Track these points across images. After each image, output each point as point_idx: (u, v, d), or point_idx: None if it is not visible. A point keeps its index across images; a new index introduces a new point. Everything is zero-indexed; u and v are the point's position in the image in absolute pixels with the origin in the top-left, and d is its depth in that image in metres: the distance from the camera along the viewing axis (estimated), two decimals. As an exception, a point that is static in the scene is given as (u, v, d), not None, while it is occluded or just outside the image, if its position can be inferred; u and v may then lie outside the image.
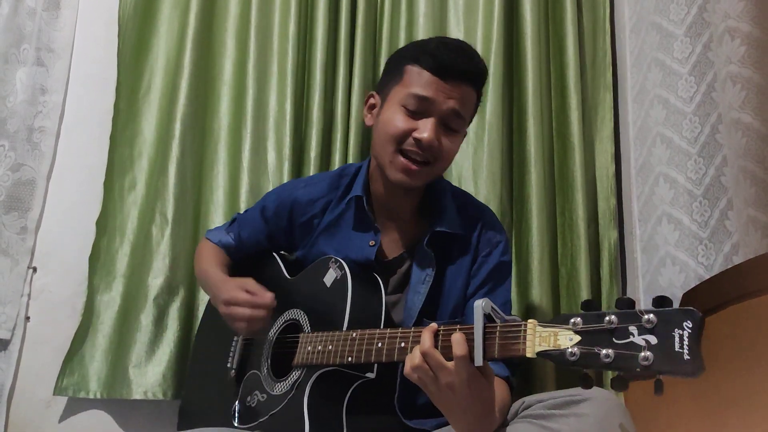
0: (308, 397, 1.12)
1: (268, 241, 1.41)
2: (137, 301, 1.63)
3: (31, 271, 1.71)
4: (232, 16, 1.85)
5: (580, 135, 1.75)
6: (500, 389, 1.07)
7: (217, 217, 1.71)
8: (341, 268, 1.20)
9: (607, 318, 0.78)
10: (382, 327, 1.14)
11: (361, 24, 1.82)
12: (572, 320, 0.81)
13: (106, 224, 1.69)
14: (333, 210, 1.32)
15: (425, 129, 1.17)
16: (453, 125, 1.20)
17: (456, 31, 1.86)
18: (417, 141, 1.17)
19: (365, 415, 1.16)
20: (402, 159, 1.19)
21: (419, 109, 1.18)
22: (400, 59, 1.24)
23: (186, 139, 1.72)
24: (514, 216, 1.77)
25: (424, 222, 1.30)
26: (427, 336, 0.94)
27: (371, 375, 1.12)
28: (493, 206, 1.69)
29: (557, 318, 0.83)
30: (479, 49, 1.82)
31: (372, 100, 1.30)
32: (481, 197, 1.71)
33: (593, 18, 1.88)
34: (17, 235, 1.70)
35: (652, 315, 0.75)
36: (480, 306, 0.89)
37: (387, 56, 1.81)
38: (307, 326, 1.22)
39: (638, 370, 0.74)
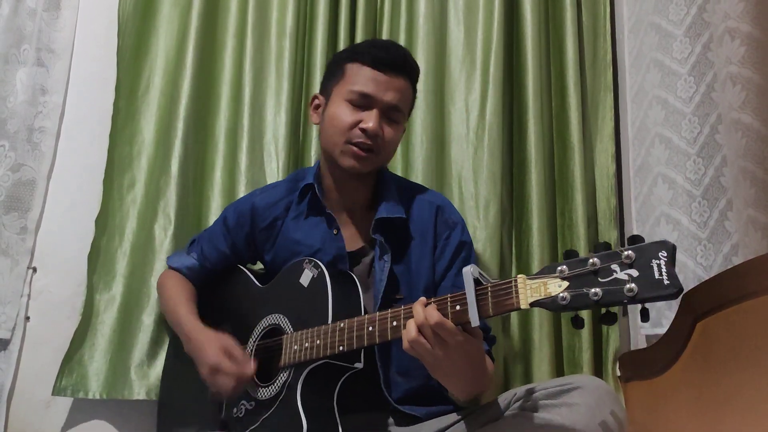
0: (301, 395, 1.13)
1: (232, 251, 1.43)
2: (139, 301, 1.63)
3: (30, 271, 1.70)
4: (233, 15, 1.85)
5: (580, 135, 1.75)
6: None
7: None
8: (317, 266, 1.23)
9: (590, 261, 0.86)
10: (362, 308, 1.18)
11: (361, 25, 1.82)
12: (558, 268, 0.88)
13: (105, 223, 1.68)
14: (294, 209, 1.38)
15: (370, 119, 1.27)
16: (393, 117, 1.31)
17: (456, 31, 1.86)
18: (363, 130, 1.27)
19: (356, 406, 1.18)
20: (352, 147, 1.28)
21: (362, 103, 1.28)
22: (339, 60, 1.35)
23: (188, 139, 1.72)
24: (515, 216, 1.77)
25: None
26: (419, 309, 0.99)
27: (359, 365, 1.15)
28: (493, 206, 1.69)
29: (544, 269, 0.90)
30: (479, 49, 1.82)
31: (317, 101, 1.39)
32: (482, 197, 1.71)
33: (593, 18, 1.88)
34: (17, 235, 1.70)
35: (630, 251, 0.83)
36: (469, 271, 0.95)
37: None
38: (289, 328, 1.22)
39: (625, 301, 0.82)
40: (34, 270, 1.71)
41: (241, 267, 1.44)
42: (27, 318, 1.67)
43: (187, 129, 1.72)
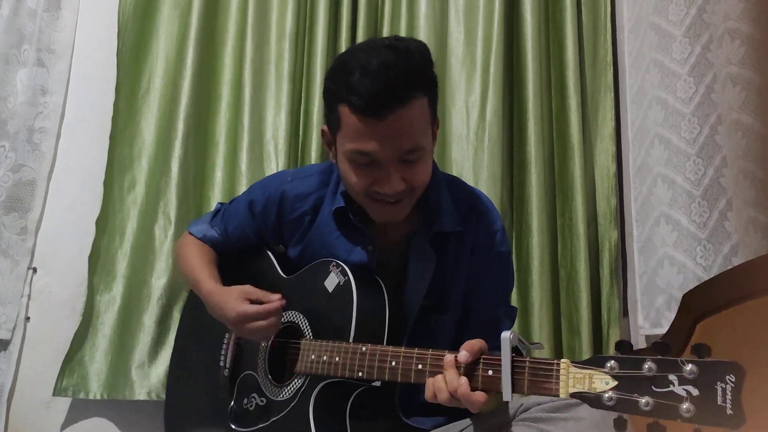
0: (314, 406, 1.12)
1: (256, 235, 1.36)
2: (140, 302, 1.63)
3: (31, 271, 1.71)
4: (233, 16, 1.85)
5: (580, 136, 1.75)
6: None
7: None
8: (344, 273, 1.16)
9: (646, 366, 0.78)
10: (386, 332, 1.12)
11: (362, 26, 1.82)
12: (608, 364, 0.81)
13: (105, 224, 1.69)
14: (325, 208, 1.26)
15: (386, 183, 1.08)
16: (412, 158, 1.08)
17: (456, 31, 1.86)
18: (383, 194, 1.10)
19: (366, 417, 1.17)
20: (377, 205, 1.13)
21: (368, 161, 1.07)
22: (332, 95, 1.10)
23: (189, 140, 1.72)
24: (515, 217, 1.77)
25: (418, 216, 1.22)
26: (453, 375, 0.94)
27: (377, 384, 1.11)
28: (494, 207, 1.69)
29: (592, 360, 0.83)
30: (479, 49, 1.82)
31: (326, 137, 1.18)
32: (482, 198, 1.71)
33: (593, 18, 1.88)
34: (17, 235, 1.70)
35: (693, 365, 0.75)
36: (508, 338, 0.89)
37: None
38: (308, 332, 1.20)
39: (678, 420, 0.74)
40: (35, 270, 1.71)
41: (268, 252, 1.36)
42: (27, 318, 1.68)
43: (188, 130, 1.72)
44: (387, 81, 1.02)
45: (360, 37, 1.81)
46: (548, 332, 1.63)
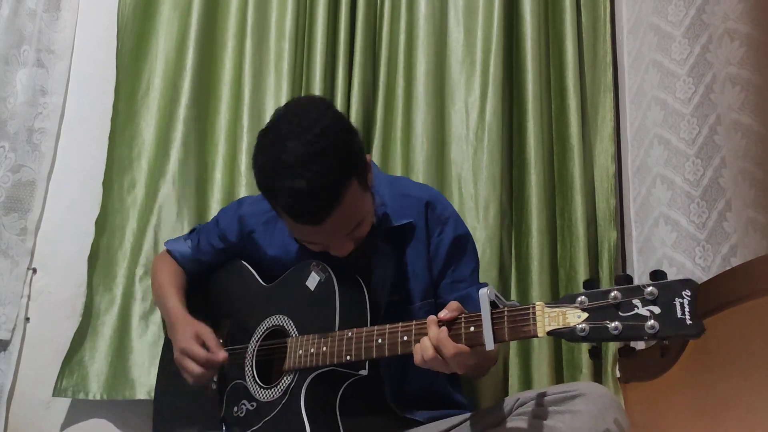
0: (305, 400, 1.12)
1: (224, 253, 1.44)
2: (140, 302, 1.63)
3: (30, 272, 1.70)
4: (233, 16, 1.85)
5: (580, 136, 1.75)
6: None
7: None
8: (324, 270, 1.21)
9: (611, 294, 0.85)
10: (368, 325, 1.16)
11: (361, 26, 1.82)
12: (578, 299, 0.88)
13: (105, 224, 1.68)
14: (281, 225, 1.29)
15: (338, 250, 1.16)
16: (356, 231, 1.15)
17: (456, 32, 1.86)
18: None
19: (358, 410, 1.18)
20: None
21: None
22: (268, 196, 1.13)
23: (189, 141, 1.72)
24: (514, 217, 1.77)
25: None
26: (435, 329, 0.99)
27: (364, 372, 1.14)
28: (493, 207, 1.69)
29: (563, 298, 0.90)
30: (479, 50, 1.82)
31: None
32: (481, 198, 1.71)
33: (593, 18, 1.88)
34: (17, 236, 1.70)
35: (652, 287, 0.83)
36: (485, 293, 0.95)
37: (387, 59, 1.82)
38: (293, 331, 1.22)
39: (646, 338, 0.82)
40: (34, 271, 1.71)
41: (244, 263, 1.41)
42: (27, 319, 1.67)
43: (187, 130, 1.72)
44: (315, 201, 1.06)
45: (359, 38, 1.80)
46: (548, 332, 1.63)
